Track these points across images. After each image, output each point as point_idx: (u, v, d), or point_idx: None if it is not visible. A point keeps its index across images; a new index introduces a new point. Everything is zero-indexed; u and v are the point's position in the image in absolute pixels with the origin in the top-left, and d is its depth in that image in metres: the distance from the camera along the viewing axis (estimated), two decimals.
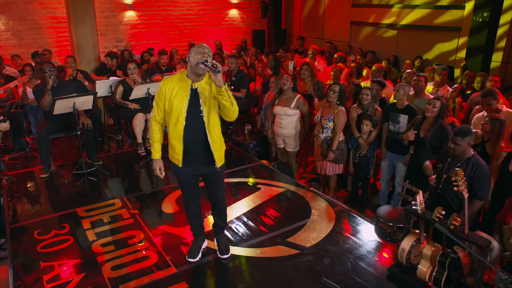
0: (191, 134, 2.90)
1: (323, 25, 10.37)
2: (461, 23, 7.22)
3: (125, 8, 9.21)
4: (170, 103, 2.88)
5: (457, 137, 3.32)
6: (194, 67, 2.79)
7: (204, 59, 2.72)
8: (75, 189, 4.67)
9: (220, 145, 3.03)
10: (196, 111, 2.87)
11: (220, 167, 3.06)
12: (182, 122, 2.87)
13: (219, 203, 3.29)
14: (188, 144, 2.93)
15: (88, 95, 4.78)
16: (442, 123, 4.15)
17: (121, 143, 6.17)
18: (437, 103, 4.14)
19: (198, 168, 3.04)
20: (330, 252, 3.52)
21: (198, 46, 2.82)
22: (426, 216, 3.02)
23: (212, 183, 3.17)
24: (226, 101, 2.76)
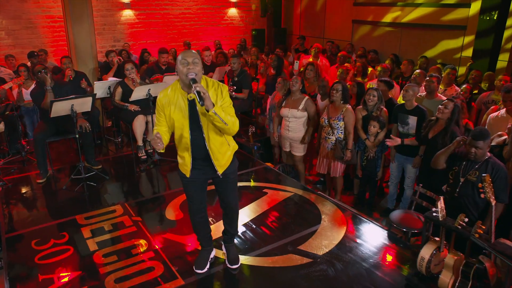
0: (197, 144, 2.79)
1: (324, 24, 10.22)
2: (467, 22, 7.09)
3: (122, 7, 9.01)
4: (171, 120, 2.74)
5: (479, 141, 3.17)
6: (183, 79, 2.61)
7: (191, 78, 2.53)
8: (73, 195, 4.48)
9: (221, 153, 2.86)
10: (197, 123, 2.72)
11: (224, 173, 2.90)
12: (187, 136, 2.75)
13: (230, 210, 3.13)
14: (196, 153, 2.83)
15: (86, 96, 4.59)
16: (453, 130, 3.99)
17: (120, 146, 5.97)
18: (449, 105, 4.01)
19: (203, 171, 2.91)
20: (344, 260, 3.37)
21: (183, 54, 2.62)
22: (447, 224, 2.87)
23: (221, 186, 3.01)
24: (218, 123, 2.61)
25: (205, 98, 2.48)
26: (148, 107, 5.20)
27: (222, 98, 2.73)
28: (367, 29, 9.15)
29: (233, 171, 2.98)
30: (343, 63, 7.16)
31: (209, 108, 2.51)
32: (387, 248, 3.59)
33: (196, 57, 2.61)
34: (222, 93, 2.74)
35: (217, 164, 2.84)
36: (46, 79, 4.50)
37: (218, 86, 2.76)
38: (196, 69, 2.57)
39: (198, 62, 2.60)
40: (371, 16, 8.90)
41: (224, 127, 2.64)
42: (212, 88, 2.72)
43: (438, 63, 7.01)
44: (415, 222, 3.76)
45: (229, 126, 2.63)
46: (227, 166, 2.91)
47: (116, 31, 9.03)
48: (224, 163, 2.89)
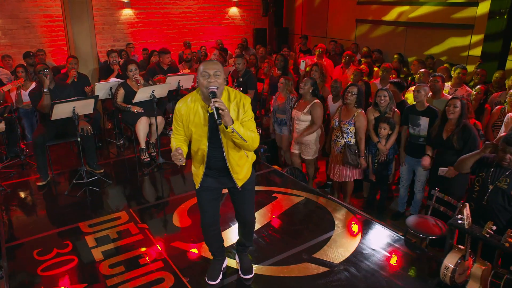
0: (214, 156, 2.65)
1: (327, 23, 10.07)
2: (474, 21, 6.96)
3: (122, 6, 8.81)
4: (189, 130, 2.61)
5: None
6: (203, 91, 2.47)
7: (210, 91, 2.39)
8: (75, 200, 4.30)
9: (240, 166, 2.71)
10: (217, 136, 2.58)
11: (243, 186, 2.75)
12: (205, 149, 2.61)
13: (247, 223, 2.96)
14: (212, 164, 2.69)
15: (89, 98, 4.42)
16: (465, 123, 3.93)
17: (122, 149, 5.80)
18: (457, 103, 3.92)
19: (220, 180, 2.76)
20: (362, 269, 3.22)
21: (204, 65, 2.47)
22: (474, 232, 2.73)
23: (238, 198, 2.85)
24: (237, 140, 2.47)
25: (224, 115, 2.33)
26: (151, 108, 5.04)
27: (244, 111, 2.58)
28: (371, 28, 9.01)
29: (251, 181, 2.83)
30: (348, 63, 7.02)
31: (228, 125, 2.37)
32: (404, 255, 3.46)
33: (218, 69, 2.46)
34: (244, 107, 2.58)
35: (235, 177, 2.70)
36: (44, 81, 4.33)
37: (241, 99, 2.60)
38: (217, 82, 2.43)
39: (220, 74, 2.45)
40: (375, 14, 8.76)
41: (243, 144, 2.50)
42: (234, 101, 2.57)
43: (446, 62, 6.87)
44: (432, 228, 3.63)
45: (248, 143, 2.49)
46: (247, 179, 2.77)
47: (115, 31, 8.83)
48: (243, 176, 2.74)
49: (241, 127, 2.44)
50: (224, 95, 2.55)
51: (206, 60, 6.77)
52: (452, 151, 3.99)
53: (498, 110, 4.74)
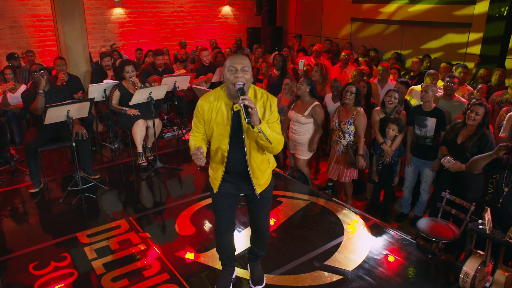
0: (235, 159, 2.49)
1: (321, 22, 9.97)
2: (472, 19, 6.93)
3: (112, 5, 8.56)
4: (210, 128, 2.44)
5: None
6: (230, 88, 2.30)
7: (238, 88, 2.22)
8: (71, 208, 4.10)
9: (262, 171, 2.55)
10: (239, 136, 2.42)
11: (262, 193, 2.59)
12: (225, 149, 2.45)
13: (261, 232, 2.81)
14: (231, 168, 2.53)
15: (84, 101, 4.22)
16: (485, 131, 3.71)
17: (117, 153, 5.59)
18: (480, 111, 3.65)
19: (238, 186, 2.60)
20: (377, 276, 3.11)
21: (231, 59, 2.32)
22: (497, 237, 2.63)
23: (255, 205, 2.70)
24: (262, 141, 2.31)
25: (253, 114, 2.17)
26: (148, 111, 4.86)
27: (270, 112, 2.42)
28: (366, 27, 8.94)
29: (270, 190, 2.68)
30: (346, 62, 6.92)
31: (255, 124, 2.21)
32: (418, 260, 3.37)
33: (246, 64, 2.30)
34: (271, 107, 2.43)
35: (256, 182, 2.53)
36: (41, 81, 4.13)
37: (267, 98, 2.44)
38: (245, 77, 2.27)
39: (248, 70, 2.29)
40: (370, 13, 8.69)
41: (268, 146, 2.34)
42: (261, 100, 2.42)
43: (443, 61, 6.81)
44: (445, 231, 3.53)
45: (273, 145, 2.33)
46: (267, 186, 2.62)
47: (106, 31, 8.58)
48: (263, 183, 2.58)
49: (268, 128, 2.29)
50: (251, 93, 2.40)
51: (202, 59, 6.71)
52: (464, 156, 3.84)
53: (505, 111, 4.67)
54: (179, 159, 5.58)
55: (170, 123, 6.56)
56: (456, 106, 4.61)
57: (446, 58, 7.33)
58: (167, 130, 6.30)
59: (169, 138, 6.20)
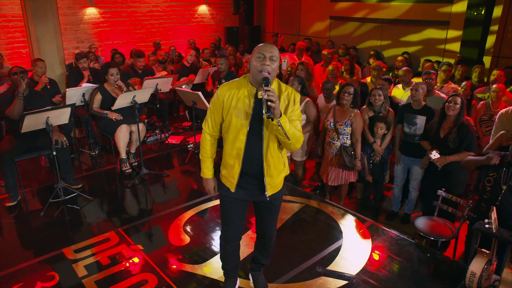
0: (251, 154, 2.35)
1: (299, 21, 9.93)
2: (449, 17, 7.06)
3: (85, 5, 8.18)
4: (229, 116, 2.32)
5: None
6: (255, 75, 2.21)
7: (264, 77, 2.14)
8: (54, 222, 3.83)
9: (277, 171, 2.43)
10: (258, 127, 2.30)
11: (272, 196, 2.46)
12: (243, 140, 2.31)
13: (267, 239, 2.71)
14: (246, 165, 2.38)
15: (64, 107, 3.96)
16: (463, 121, 3.85)
17: (99, 160, 5.32)
18: (458, 100, 3.81)
19: (249, 192, 2.47)
20: (381, 279, 3.05)
21: (260, 47, 2.24)
22: (504, 236, 2.62)
23: (263, 211, 2.58)
24: (280, 135, 2.23)
25: (275, 108, 2.08)
26: (132, 115, 4.64)
27: (294, 106, 2.33)
28: (345, 25, 8.97)
29: (280, 196, 2.56)
30: (329, 61, 6.89)
31: (275, 117, 2.12)
32: (419, 260, 3.34)
33: (275, 54, 2.22)
34: (295, 102, 2.33)
35: (268, 182, 2.39)
36: (21, 84, 3.86)
37: (292, 92, 2.35)
38: (271, 67, 2.19)
39: (275, 60, 2.22)
40: (349, 11, 8.72)
41: (286, 142, 2.25)
42: (285, 93, 2.33)
43: (424, 59, 6.90)
44: (443, 229, 3.53)
45: (291, 141, 2.24)
46: (278, 190, 2.49)
47: (79, 31, 8.20)
48: (276, 184, 2.46)
49: (287, 123, 2.19)
50: (275, 85, 2.31)
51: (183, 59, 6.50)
52: (448, 149, 3.91)
53: (483, 105, 4.77)
54: (164, 164, 5.37)
55: (151, 127, 6.33)
56: (437, 102, 4.65)
57: (425, 54, 7.45)
58: (149, 134, 6.08)
59: (151, 142, 5.97)
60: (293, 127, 2.23)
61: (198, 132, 5.92)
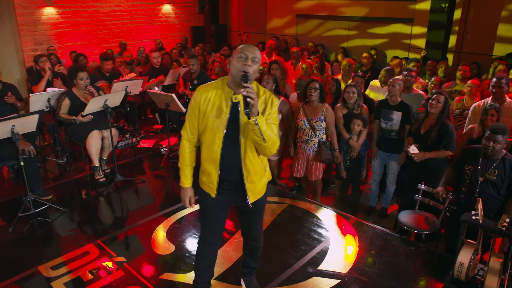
0: (228, 159, 2.27)
1: (266, 19, 9.92)
2: (413, 14, 7.28)
3: (42, 4, 7.70)
4: (205, 119, 2.25)
5: (498, 135, 3.05)
6: (235, 76, 2.15)
7: (243, 73, 2.08)
8: (24, 238, 3.56)
9: (258, 176, 2.36)
10: (235, 131, 2.23)
11: (255, 203, 2.40)
12: (219, 144, 2.24)
13: (253, 240, 2.65)
14: (225, 172, 2.30)
15: (31, 114, 3.69)
16: (445, 120, 3.90)
17: (68, 168, 5.02)
18: (441, 98, 3.86)
19: (229, 197, 2.39)
20: (372, 276, 3.08)
21: (243, 48, 2.18)
22: (490, 226, 2.70)
23: (247, 216, 2.53)
24: (255, 135, 2.15)
25: (253, 106, 2.02)
26: (104, 120, 4.43)
27: (271, 110, 2.27)
28: (312, 23, 9.04)
29: (264, 200, 2.50)
30: (298, 59, 6.91)
31: (253, 116, 2.05)
32: (405, 254, 3.40)
33: (257, 56, 2.16)
34: (272, 105, 2.27)
35: (249, 188, 2.32)
36: None
37: (270, 96, 2.29)
38: (253, 68, 2.12)
39: (257, 62, 2.16)
40: (316, 9, 8.80)
41: (261, 144, 2.17)
42: (263, 97, 2.27)
43: (393, 57, 7.07)
44: (425, 222, 3.62)
45: (267, 144, 2.16)
46: (261, 196, 2.43)
47: (37, 33, 7.71)
48: (258, 191, 2.39)
49: (264, 124, 2.13)
50: (253, 84, 2.22)
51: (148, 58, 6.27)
52: (427, 146, 3.99)
53: (458, 101, 4.93)
54: (138, 170, 5.17)
55: (121, 131, 6.08)
56: (415, 99, 4.78)
57: (392, 51, 7.65)
58: (120, 138, 5.83)
59: (122, 147, 5.73)
60: (269, 129, 2.18)
61: (171, 134, 5.76)
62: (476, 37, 6.89)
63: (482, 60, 6.61)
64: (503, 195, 3.20)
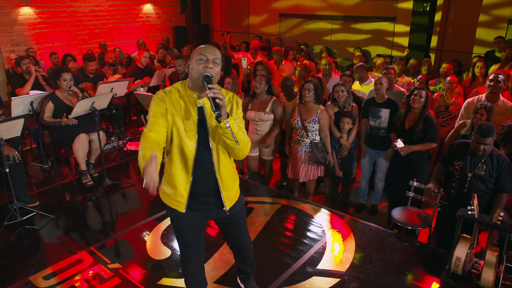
0: (200, 169, 2.12)
1: (248, 19, 9.89)
2: (396, 13, 7.40)
3: (19, 4, 7.44)
4: (174, 122, 2.07)
5: (487, 138, 3.12)
6: (196, 79, 2.03)
7: (205, 76, 1.97)
8: (12, 247, 3.43)
9: (231, 182, 2.27)
10: (205, 136, 2.11)
11: (232, 210, 2.29)
12: (191, 153, 2.09)
13: (243, 251, 2.59)
14: (196, 183, 2.14)
15: (17, 118, 3.56)
16: (427, 114, 4.02)
17: (53, 173, 4.87)
18: (423, 93, 3.99)
19: (204, 212, 2.26)
20: (370, 273, 3.10)
21: (201, 49, 2.06)
22: (486, 221, 2.76)
23: (228, 229, 2.44)
24: (228, 139, 2.03)
25: (222, 106, 1.92)
26: (91, 123, 4.31)
27: (237, 109, 2.19)
28: (295, 22, 9.07)
29: (242, 208, 2.42)
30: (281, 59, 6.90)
31: (223, 118, 1.94)
32: (400, 250, 3.43)
33: (218, 56, 2.05)
34: (238, 104, 2.20)
35: (225, 196, 2.20)
36: None
37: (233, 96, 2.22)
38: (215, 70, 2.01)
39: (219, 63, 2.05)
40: (299, 8, 8.83)
41: (235, 147, 2.06)
42: (227, 96, 2.16)
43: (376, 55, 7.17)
44: (418, 218, 3.68)
45: (240, 146, 2.06)
46: (236, 201, 2.32)
47: (13, 33, 7.44)
48: (233, 196, 2.30)
49: (235, 125, 2.02)
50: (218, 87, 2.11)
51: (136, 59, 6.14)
52: (412, 140, 4.08)
53: (438, 97, 5.04)
54: (126, 173, 5.06)
55: (106, 134, 5.93)
56: (397, 96, 4.85)
57: (374, 48, 7.76)
58: (106, 141, 5.69)
59: (108, 150, 5.60)
60: (240, 130, 2.08)
61: None
62: (456, 36, 7.07)
63: (462, 58, 6.79)
64: (491, 189, 3.29)
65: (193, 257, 2.38)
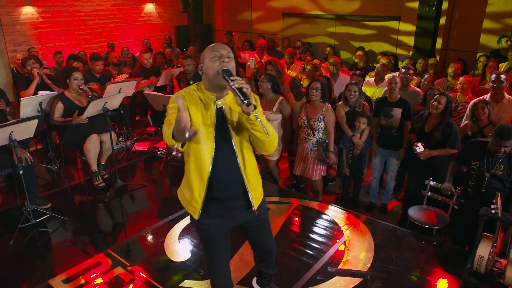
0: (220, 173, 2.05)
1: (251, 18, 9.85)
2: (400, 12, 7.40)
3: (21, 3, 7.34)
4: (193, 122, 2.00)
5: (508, 141, 3.11)
6: (213, 78, 1.95)
7: (225, 70, 1.90)
8: (28, 250, 3.37)
9: (257, 182, 2.21)
10: (225, 140, 2.04)
11: (259, 208, 2.22)
12: (209, 155, 2.01)
13: (268, 253, 2.54)
14: (214, 188, 2.07)
15: (30, 119, 3.50)
16: (448, 120, 3.95)
17: (63, 175, 4.81)
18: (442, 99, 3.88)
19: (231, 218, 2.20)
20: (392, 272, 3.09)
21: (213, 46, 2.01)
22: (510, 219, 2.76)
23: (253, 232, 2.39)
24: (258, 132, 1.94)
25: (249, 96, 1.82)
26: (102, 124, 4.26)
27: (257, 103, 2.10)
28: (298, 21, 9.05)
29: (266, 208, 2.38)
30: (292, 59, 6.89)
31: (249, 110, 1.84)
32: (419, 249, 3.43)
33: (230, 51, 2.00)
34: (257, 101, 2.11)
35: (253, 195, 2.13)
36: None
37: (252, 94, 2.18)
38: (231, 65, 1.95)
39: (232, 58, 1.98)
40: (302, 7, 8.81)
41: (265, 140, 1.97)
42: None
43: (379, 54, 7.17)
44: (436, 217, 3.68)
45: (270, 138, 1.98)
46: (261, 201, 2.26)
47: (15, 33, 7.34)
48: (259, 195, 2.23)
49: (264, 116, 1.96)
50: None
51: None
52: (431, 144, 4.03)
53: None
54: (137, 174, 5.01)
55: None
56: (412, 96, 4.85)
57: (379, 48, 7.75)
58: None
59: (116, 151, 5.53)
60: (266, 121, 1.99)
61: None
62: (461, 36, 7.09)
63: (467, 57, 6.80)
64: (509, 188, 3.30)
65: (220, 261, 2.36)
